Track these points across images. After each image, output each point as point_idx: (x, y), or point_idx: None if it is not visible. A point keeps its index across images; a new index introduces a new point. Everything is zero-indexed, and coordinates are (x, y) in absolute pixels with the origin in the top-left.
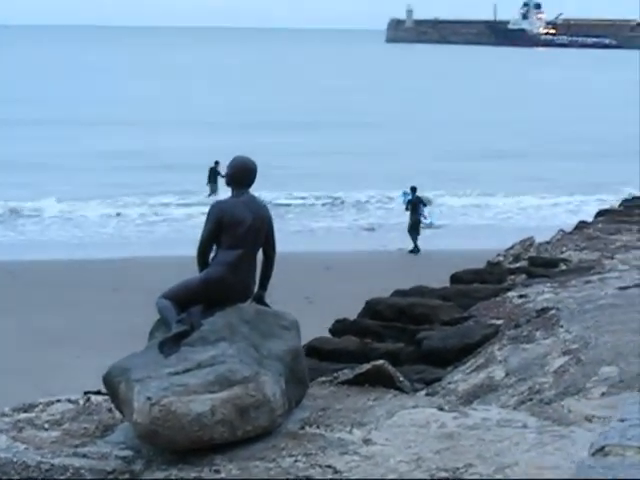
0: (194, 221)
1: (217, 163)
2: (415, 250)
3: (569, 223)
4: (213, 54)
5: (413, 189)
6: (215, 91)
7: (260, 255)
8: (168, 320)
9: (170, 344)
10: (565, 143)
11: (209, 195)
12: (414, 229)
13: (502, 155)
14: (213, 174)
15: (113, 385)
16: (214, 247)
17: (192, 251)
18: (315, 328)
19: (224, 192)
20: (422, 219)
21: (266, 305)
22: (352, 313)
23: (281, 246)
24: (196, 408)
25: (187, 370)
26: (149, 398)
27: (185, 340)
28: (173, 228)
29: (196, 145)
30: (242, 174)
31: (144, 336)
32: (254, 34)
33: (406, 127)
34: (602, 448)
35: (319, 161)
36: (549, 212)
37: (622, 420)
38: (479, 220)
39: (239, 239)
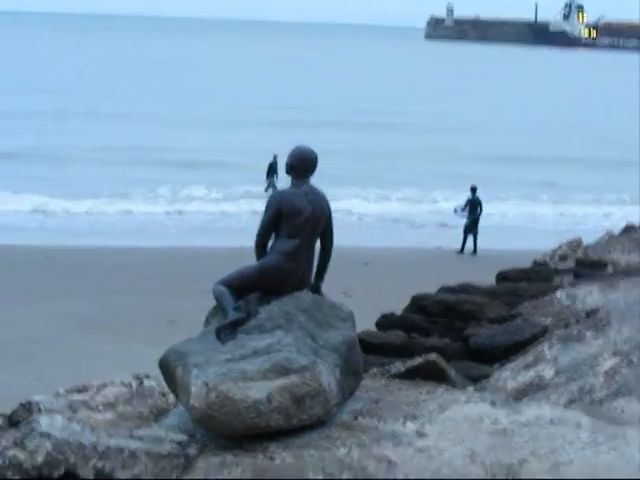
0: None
1: (276, 157)
2: (473, 250)
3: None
4: (254, 46)
5: (473, 189)
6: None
7: (318, 245)
8: (225, 307)
9: (227, 331)
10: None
11: (266, 189)
12: (471, 229)
13: (540, 160)
14: (271, 168)
15: (170, 369)
16: (273, 236)
17: (221, 242)
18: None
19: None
20: (460, 212)
21: (322, 295)
22: (390, 308)
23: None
24: (253, 395)
25: (244, 357)
26: (206, 383)
27: (242, 327)
28: (206, 219)
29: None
30: (302, 164)
31: (180, 324)
32: (293, 28)
33: (441, 129)
34: None
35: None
36: (595, 218)
37: None
38: (519, 222)
39: (298, 229)
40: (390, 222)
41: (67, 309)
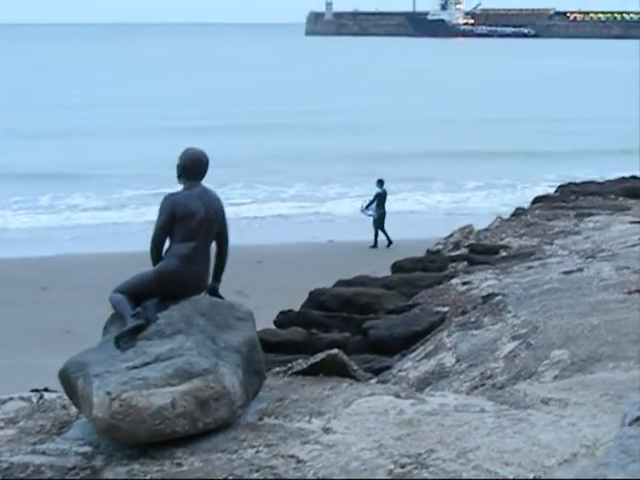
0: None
1: None
2: (388, 243)
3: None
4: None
5: (381, 182)
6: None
7: (213, 247)
8: (123, 314)
9: (126, 338)
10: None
11: None
12: (380, 223)
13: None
14: None
15: (70, 381)
16: (167, 240)
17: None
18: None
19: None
20: (367, 212)
21: (220, 297)
22: (287, 305)
23: None
24: (157, 401)
25: (145, 364)
26: (109, 393)
27: (141, 334)
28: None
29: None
30: (195, 166)
31: (77, 334)
32: (166, 29)
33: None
34: (638, 418)
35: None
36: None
37: None
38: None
39: (192, 231)
40: (281, 220)
41: None
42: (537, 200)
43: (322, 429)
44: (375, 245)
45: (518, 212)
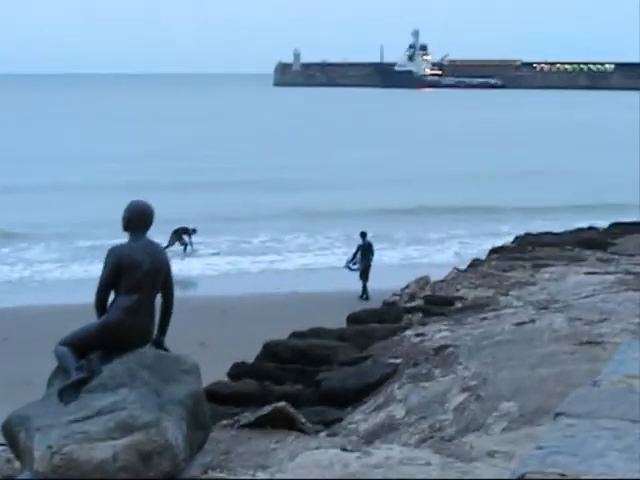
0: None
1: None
2: (364, 296)
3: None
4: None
5: (363, 234)
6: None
7: (159, 300)
8: (67, 367)
9: (69, 391)
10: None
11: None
12: (365, 274)
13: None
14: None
15: (13, 434)
16: (112, 292)
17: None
18: (211, 373)
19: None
20: (352, 266)
21: (165, 349)
22: (249, 356)
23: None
24: (98, 455)
25: (87, 417)
26: (50, 446)
27: (85, 387)
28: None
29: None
30: (140, 218)
31: (38, 385)
32: (137, 80)
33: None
34: (523, 475)
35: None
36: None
37: (540, 448)
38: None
39: (137, 283)
40: (249, 271)
41: None
42: (494, 251)
43: None
44: (365, 297)
45: (475, 263)
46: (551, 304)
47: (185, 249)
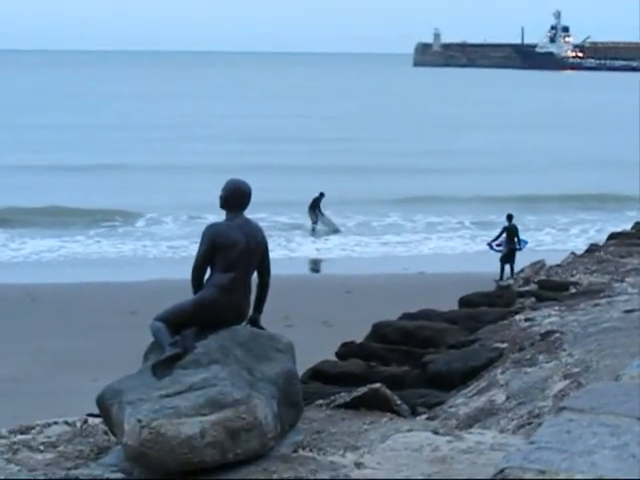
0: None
1: (322, 193)
2: (501, 280)
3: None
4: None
5: (509, 217)
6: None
7: (255, 278)
8: (161, 343)
9: (163, 367)
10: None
11: (313, 224)
12: (508, 258)
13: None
14: (315, 203)
15: (106, 407)
16: (209, 269)
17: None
18: (333, 352)
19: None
20: (495, 246)
21: (261, 328)
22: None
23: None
24: (186, 430)
25: (178, 393)
26: (139, 420)
27: (178, 363)
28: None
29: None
30: (236, 197)
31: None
32: (291, 58)
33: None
34: (502, 470)
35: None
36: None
37: (531, 442)
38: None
39: (233, 262)
40: (375, 251)
41: (48, 347)
42: (612, 237)
43: (354, 463)
44: (501, 279)
45: (592, 248)
46: None
47: (314, 228)
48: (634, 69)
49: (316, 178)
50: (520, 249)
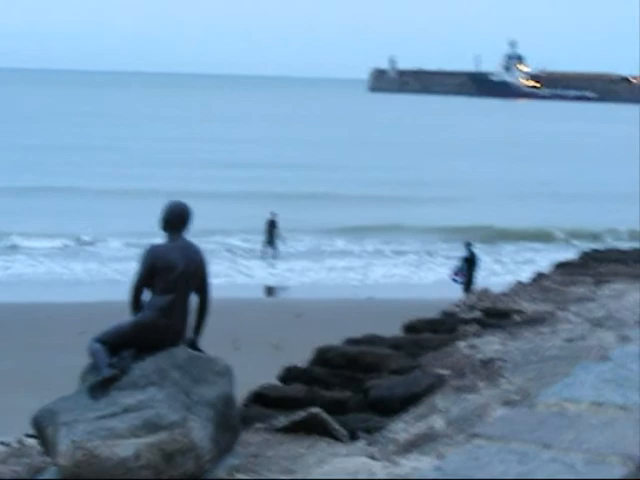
0: None
1: (273, 215)
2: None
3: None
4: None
5: (468, 245)
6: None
7: (195, 301)
8: (99, 364)
9: (100, 388)
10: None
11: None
12: (468, 286)
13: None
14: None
15: (41, 428)
16: (148, 291)
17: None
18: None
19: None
20: (457, 278)
21: (199, 350)
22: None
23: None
24: (120, 452)
25: (114, 414)
26: (74, 441)
27: (115, 384)
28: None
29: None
30: (176, 219)
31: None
32: (232, 81)
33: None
34: None
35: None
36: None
37: (438, 469)
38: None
39: (171, 284)
40: (325, 277)
41: None
42: (559, 266)
43: None
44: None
45: (538, 277)
46: (606, 321)
47: (274, 251)
48: (587, 99)
49: (267, 204)
50: (475, 272)
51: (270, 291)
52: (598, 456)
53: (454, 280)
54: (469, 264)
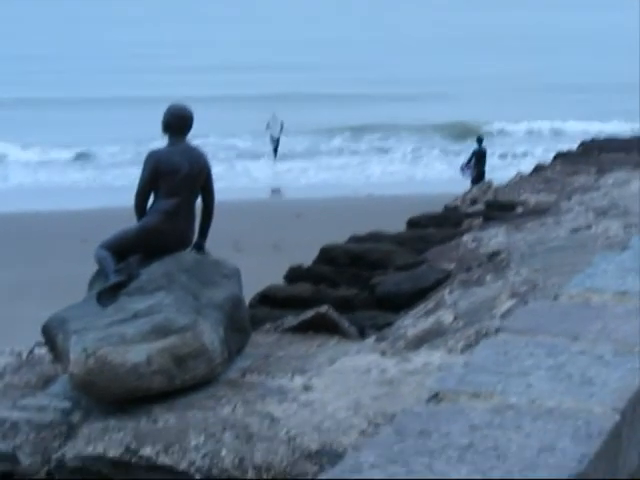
0: None
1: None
2: None
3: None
4: None
5: (480, 140)
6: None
7: (199, 204)
8: (106, 270)
9: (108, 294)
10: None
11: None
12: (478, 181)
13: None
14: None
15: (51, 336)
16: (152, 196)
17: None
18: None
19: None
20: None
21: (206, 253)
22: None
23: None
24: (132, 358)
25: (124, 320)
26: (85, 349)
27: (123, 290)
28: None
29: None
30: (178, 122)
31: None
32: None
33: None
34: (436, 394)
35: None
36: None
37: (466, 365)
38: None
39: (176, 187)
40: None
41: None
42: (558, 156)
43: (302, 387)
44: None
45: (538, 168)
46: (611, 210)
47: (275, 152)
48: None
49: (264, 106)
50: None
51: (268, 192)
52: (626, 346)
53: (462, 172)
54: (479, 159)
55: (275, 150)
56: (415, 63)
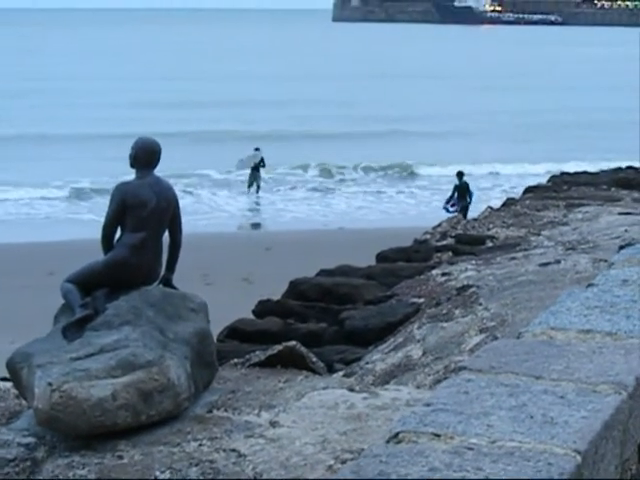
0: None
1: (257, 150)
2: None
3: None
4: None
5: (460, 174)
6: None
7: (167, 238)
8: (72, 304)
9: (73, 329)
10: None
11: (248, 186)
12: (465, 216)
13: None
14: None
15: (16, 371)
16: (119, 229)
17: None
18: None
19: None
20: (450, 208)
21: (174, 287)
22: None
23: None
24: (97, 393)
25: (89, 355)
26: (50, 384)
27: (89, 324)
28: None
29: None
30: (146, 155)
31: None
32: (188, 15)
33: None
34: (396, 434)
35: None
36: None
37: (427, 404)
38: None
39: (143, 221)
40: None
41: None
42: (528, 190)
43: (269, 423)
44: None
45: (508, 202)
46: (579, 245)
47: (257, 189)
48: (552, 23)
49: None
50: (470, 203)
51: (238, 225)
52: (589, 385)
53: (446, 210)
54: (461, 193)
55: (258, 185)
56: (390, 99)
